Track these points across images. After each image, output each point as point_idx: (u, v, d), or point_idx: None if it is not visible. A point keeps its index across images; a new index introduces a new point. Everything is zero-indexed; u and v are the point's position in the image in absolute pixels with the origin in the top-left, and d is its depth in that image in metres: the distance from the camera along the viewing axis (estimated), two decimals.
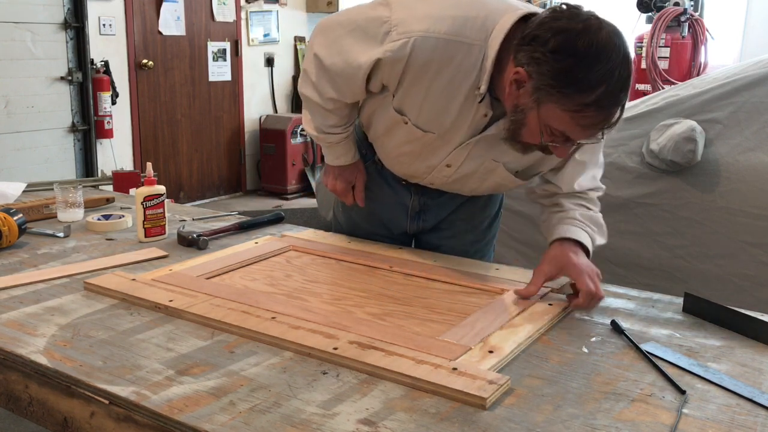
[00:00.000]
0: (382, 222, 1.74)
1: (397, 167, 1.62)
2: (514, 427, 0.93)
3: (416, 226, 1.72)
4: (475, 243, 1.75)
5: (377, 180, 1.69)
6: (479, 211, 1.73)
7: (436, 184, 1.59)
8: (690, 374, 1.08)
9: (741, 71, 2.83)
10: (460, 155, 1.47)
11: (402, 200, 1.69)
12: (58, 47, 4.63)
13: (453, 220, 1.71)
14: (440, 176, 1.54)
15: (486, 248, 1.78)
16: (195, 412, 0.95)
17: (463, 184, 1.56)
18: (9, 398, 1.15)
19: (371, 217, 1.74)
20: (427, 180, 1.59)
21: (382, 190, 1.69)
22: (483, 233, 1.76)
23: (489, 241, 1.79)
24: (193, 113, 5.83)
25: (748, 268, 2.60)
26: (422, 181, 1.61)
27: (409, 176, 1.62)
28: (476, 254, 1.73)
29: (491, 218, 1.77)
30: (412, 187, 1.66)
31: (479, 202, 1.71)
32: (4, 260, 1.61)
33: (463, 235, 1.73)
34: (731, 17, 6.67)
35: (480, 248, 1.76)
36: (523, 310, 1.30)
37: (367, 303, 1.36)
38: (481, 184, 1.56)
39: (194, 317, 1.26)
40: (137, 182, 2.74)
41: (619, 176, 2.85)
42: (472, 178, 1.53)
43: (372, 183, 1.69)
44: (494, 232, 1.80)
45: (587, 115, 1.21)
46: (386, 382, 1.04)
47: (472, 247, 1.74)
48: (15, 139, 4.48)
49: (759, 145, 2.64)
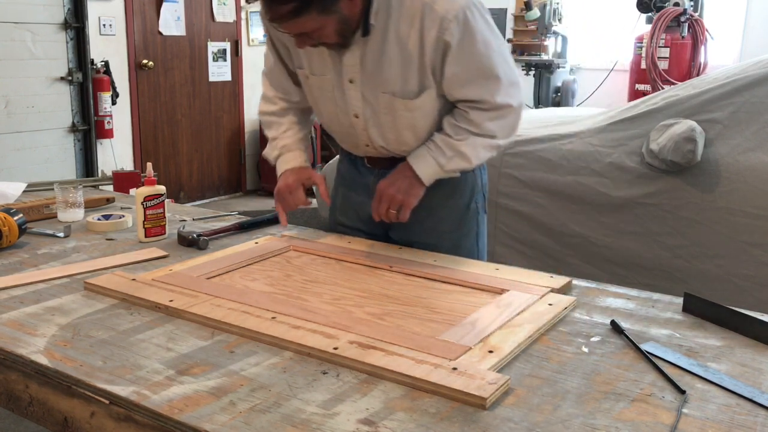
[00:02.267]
0: (356, 212, 1.81)
1: (339, 137, 1.76)
2: (514, 427, 0.93)
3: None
4: (449, 235, 1.73)
5: (349, 167, 1.83)
6: (444, 200, 1.71)
7: (371, 147, 1.69)
8: (690, 374, 1.08)
9: (741, 71, 2.83)
10: (355, 100, 1.60)
11: (366, 181, 1.77)
12: (58, 47, 4.63)
13: (417, 210, 1.69)
14: (363, 135, 1.66)
15: (465, 242, 1.76)
16: (195, 412, 0.95)
17: (386, 137, 1.64)
18: (9, 398, 1.15)
19: (347, 206, 1.85)
20: (362, 145, 1.70)
21: (353, 175, 1.81)
22: (456, 225, 1.74)
23: (467, 234, 1.77)
24: (193, 113, 5.83)
25: (748, 268, 2.60)
26: (365, 150, 1.72)
27: (352, 147, 1.75)
28: (456, 250, 1.72)
29: (462, 209, 1.74)
30: (375, 169, 1.75)
31: (443, 191, 1.69)
32: (4, 260, 1.61)
33: (434, 227, 1.72)
34: (731, 17, 6.67)
35: (458, 242, 1.74)
36: (523, 310, 1.30)
37: (367, 303, 1.36)
38: (401, 132, 1.62)
39: (194, 317, 1.26)
40: (137, 182, 2.74)
41: (619, 176, 2.86)
42: (387, 126, 1.62)
43: (345, 171, 1.84)
44: (474, 227, 1.78)
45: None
46: (386, 382, 1.04)
47: (448, 241, 1.73)
48: (15, 139, 4.48)
49: (759, 145, 2.65)
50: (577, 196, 2.94)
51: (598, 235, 2.90)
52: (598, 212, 2.90)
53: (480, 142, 1.58)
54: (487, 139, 1.58)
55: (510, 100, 1.57)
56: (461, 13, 1.46)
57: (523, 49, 7.81)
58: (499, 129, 1.58)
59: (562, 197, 2.98)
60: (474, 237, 1.79)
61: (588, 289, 1.46)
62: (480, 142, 1.58)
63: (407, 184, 1.59)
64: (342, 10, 1.44)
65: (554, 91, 7.32)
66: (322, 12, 1.41)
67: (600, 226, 2.89)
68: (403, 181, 1.60)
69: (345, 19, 1.46)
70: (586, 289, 1.46)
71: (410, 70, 1.53)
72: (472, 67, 1.52)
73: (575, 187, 2.94)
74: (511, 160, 3.12)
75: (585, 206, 2.93)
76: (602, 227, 2.89)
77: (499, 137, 1.59)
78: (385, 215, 1.61)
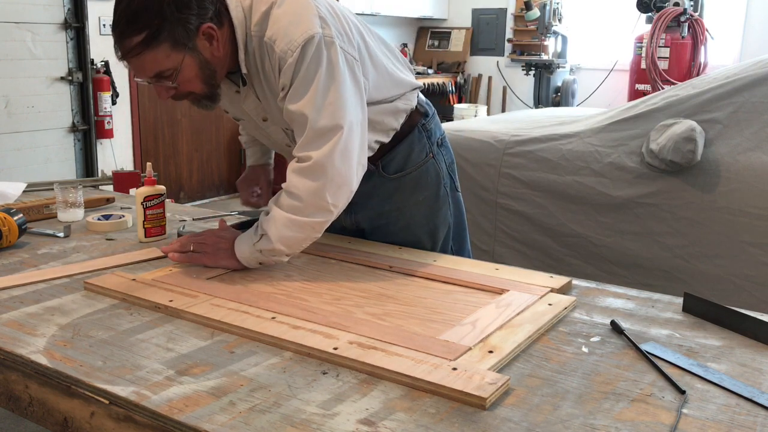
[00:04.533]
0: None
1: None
2: (514, 427, 0.93)
3: (351, 220, 1.73)
4: (426, 228, 1.72)
5: None
6: (410, 196, 1.69)
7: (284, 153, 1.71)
8: (690, 374, 1.08)
9: (741, 71, 2.83)
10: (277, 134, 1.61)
11: None
12: (58, 47, 4.63)
13: (387, 211, 1.70)
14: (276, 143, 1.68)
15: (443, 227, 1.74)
16: (195, 412, 0.95)
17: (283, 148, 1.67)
18: (9, 398, 1.15)
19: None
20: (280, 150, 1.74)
21: None
22: (429, 216, 1.72)
23: (444, 221, 1.74)
24: (193, 113, 5.82)
25: (748, 268, 2.60)
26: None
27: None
28: (435, 236, 1.72)
29: (431, 200, 1.71)
30: None
31: (405, 189, 1.68)
32: (4, 260, 1.61)
33: (408, 224, 1.71)
34: (731, 17, 6.68)
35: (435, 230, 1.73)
36: (523, 310, 1.30)
37: (367, 303, 1.36)
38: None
39: (194, 317, 1.26)
40: (137, 182, 2.75)
41: (619, 176, 2.86)
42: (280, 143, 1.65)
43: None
44: (447, 211, 1.74)
45: None
46: (386, 382, 1.05)
47: (426, 233, 1.72)
48: (15, 139, 4.48)
49: (759, 145, 2.65)
50: (577, 196, 2.94)
51: (598, 235, 2.90)
52: (597, 212, 2.90)
53: (280, 217, 1.42)
54: (291, 208, 1.42)
55: (311, 151, 1.39)
56: (298, 51, 1.38)
57: (523, 49, 7.82)
58: (303, 187, 1.40)
59: (562, 197, 2.98)
60: (451, 217, 1.76)
61: (588, 289, 1.46)
62: (281, 218, 1.42)
63: (224, 247, 1.50)
64: (201, 51, 1.40)
65: (554, 91, 7.33)
66: (176, 46, 1.36)
67: (600, 226, 2.90)
68: (223, 243, 1.51)
69: (206, 63, 1.42)
70: (586, 289, 1.46)
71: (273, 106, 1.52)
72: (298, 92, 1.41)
73: (575, 187, 2.94)
74: (510, 160, 3.12)
75: (585, 206, 2.93)
76: (602, 227, 2.89)
77: (303, 198, 1.40)
78: (185, 246, 1.51)
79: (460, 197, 1.82)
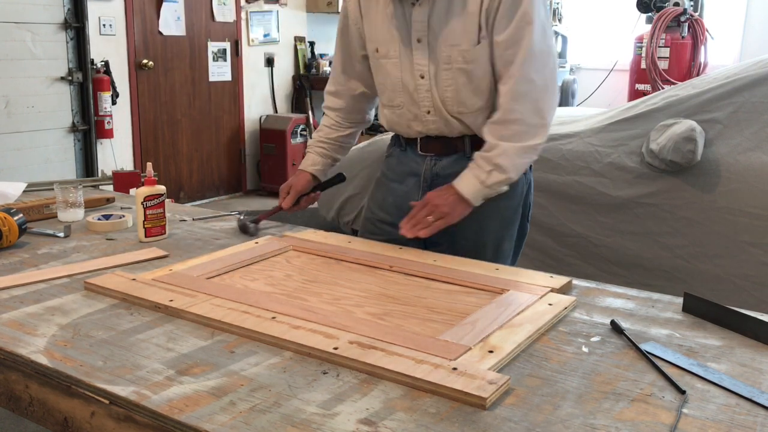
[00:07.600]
0: (398, 206, 1.78)
1: (397, 115, 1.76)
2: (514, 427, 0.93)
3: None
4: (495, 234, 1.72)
5: (399, 159, 1.83)
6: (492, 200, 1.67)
7: (431, 115, 1.69)
8: (690, 374, 1.08)
9: (741, 71, 2.83)
10: (421, 59, 1.65)
11: (416, 169, 1.77)
12: (58, 47, 4.63)
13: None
14: (426, 98, 1.67)
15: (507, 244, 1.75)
16: (195, 412, 0.95)
17: (445, 95, 1.66)
18: (9, 398, 1.15)
19: (385, 201, 1.85)
20: (422, 115, 1.70)
21: (402, 168, 1.82)
22: (502, 224, 1.73)
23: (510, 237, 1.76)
24: (193, 113, 5.83)
25: (748, 268, 2.60)
26: (422, 125, 1.72)
27: (406, 126, 1.75)
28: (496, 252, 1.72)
29: (511, 210, 1.74)
30: (427, 156, 1.76)
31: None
32: (4, 260, 1.61)
33: (482, 223, 1.70)
34: (731, 17, 6.68)
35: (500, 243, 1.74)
36: (523, 310, 1.30)
37: (367, 303, 1.36)
38: (460, 89, 1.64)
39: (194, 317, 1.26)
40: (137, 182, 2.74)
41: (619, 176, 2.86)
42: (447, 84, 1.65)
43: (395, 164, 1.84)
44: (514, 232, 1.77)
45: None
46: (386, 382, 1.05)
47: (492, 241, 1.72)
48: (15, 139, 4.48)
49: (759, 145, 2.65)
50: (577, 196, 2.94)
51: (598, 235, 2.90)
52: (597, 212, 2.90)
53: (511, 148, 1.57)
54: (518, 136, 1.57)
55: (533, 74, 1.56)
56: None
57: None
58: (525, 111, 1.56)
59: (562, 197, 2.98)
60: (515, 241, 1.78)
61: (588, 289, 1.46)
62: (511, 149, 1.57)
63: (453, 200, 1.60)
64: None
65: None
66: None
67: (600, 226, 2.90)
68: (450, 197, 1.60)
69: None
70: (586, 289, 1.46)
71: (470, 24, 1.58)
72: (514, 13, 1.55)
73: (575, 187, 2.94)
74: None
75: (585, 206, 2.93)
76: (602, 227, 2.89)
77: (526, 120, 1.57)
78: (421, 221, 1.59)
79: (528, 227, 1.83)
